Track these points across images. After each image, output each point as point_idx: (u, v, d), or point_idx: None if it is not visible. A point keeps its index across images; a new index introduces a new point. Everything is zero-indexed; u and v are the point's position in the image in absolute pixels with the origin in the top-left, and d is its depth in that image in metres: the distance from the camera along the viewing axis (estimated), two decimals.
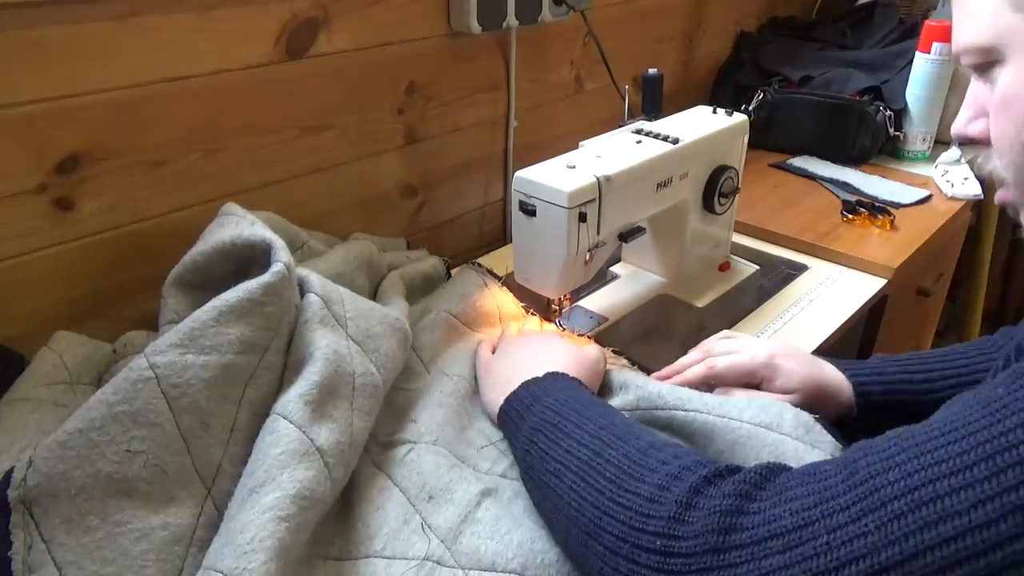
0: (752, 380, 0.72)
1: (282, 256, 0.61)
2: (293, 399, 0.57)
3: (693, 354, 0.77)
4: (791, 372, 0.70)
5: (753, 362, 0.71)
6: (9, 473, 0.51)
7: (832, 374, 0.70)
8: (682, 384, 0.73)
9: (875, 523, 0.39)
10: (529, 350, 0.73)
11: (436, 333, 0.78)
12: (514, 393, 0.66)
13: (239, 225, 0.65)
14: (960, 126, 0.55)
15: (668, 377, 0.76)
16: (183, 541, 0.53)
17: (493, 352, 0.76)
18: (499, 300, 0.85)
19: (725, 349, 0.74)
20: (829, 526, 0.41)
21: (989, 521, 0.36)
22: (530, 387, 0.65)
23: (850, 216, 1.12)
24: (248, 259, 0.64)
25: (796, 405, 0.66)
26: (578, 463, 0.55)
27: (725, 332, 0.81)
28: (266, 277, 0.59)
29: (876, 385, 0.70)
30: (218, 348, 0.56)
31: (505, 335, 0.79)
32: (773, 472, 0.47)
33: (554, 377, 0.66)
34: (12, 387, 0.63)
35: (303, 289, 0.65)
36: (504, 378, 0.68)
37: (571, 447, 0.56)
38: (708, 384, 0.73)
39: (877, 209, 1.12)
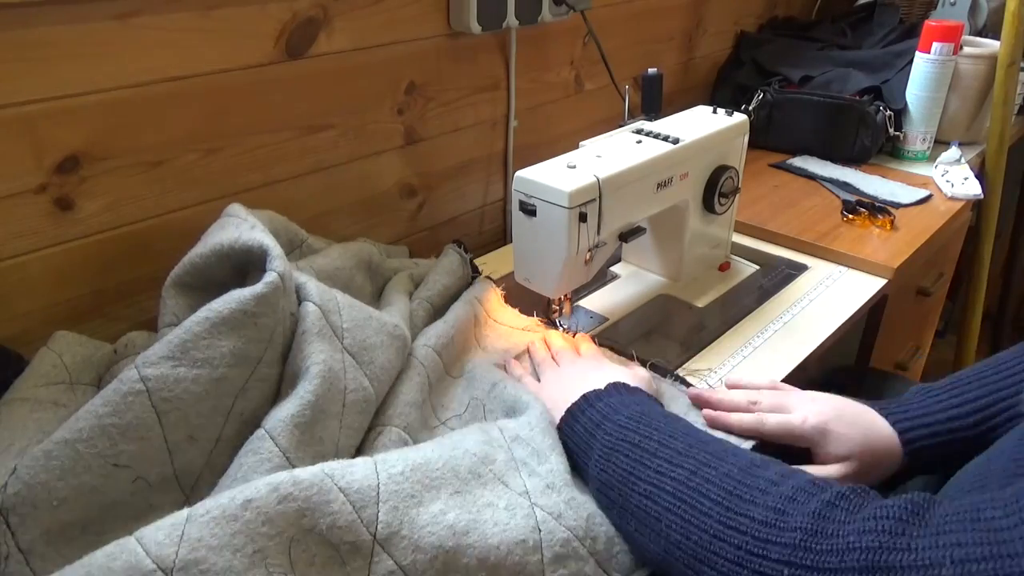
0: (801, 444, 0.68)
1: (277, 265, 0.60)
2: (285, 419, 0.56)
3: (738, 397, 0.72)
4: (842, 438, 0.66)
5: (804, 427, 0.67)
6: None
7: (882, 432, 0.66)
8: (725, 429, 0.70)
9: None
10: (580, 368, 0.71)
11: (418, 325, 0.79)
12: (575, 405, 0.63)
13: (238, 228, 0.64)
14: None
15: (711, 407, 0.72)
16: None
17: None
18: (479, 295, 0.86)
19: (775, 405, 0.70)
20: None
21: None
22: (592, 400, 0.63)
23: (850, 216, 1.12)
24: (246, 262, 0.64)
25: (848, 472, 0.64)
26: (674, 484, 0.52)
27: (772, 382, 0.76)
28: (259, 288, 0.58)
29: (927, 438, 0.65)
30: (210, 361, 0.56)
31: (543, 358, 0.76)
32: (923, 506, 0.43)
33: (616, 389, 0.64)
34: (12, 387, 0.63)
35: (300, 296, 0.64)
36: (562, 398, 0.66)
37: (661, 467, 0.53)
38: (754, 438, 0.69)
39: (877, 209, 1.12)
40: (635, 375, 0.70)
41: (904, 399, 0.69)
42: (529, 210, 0.76)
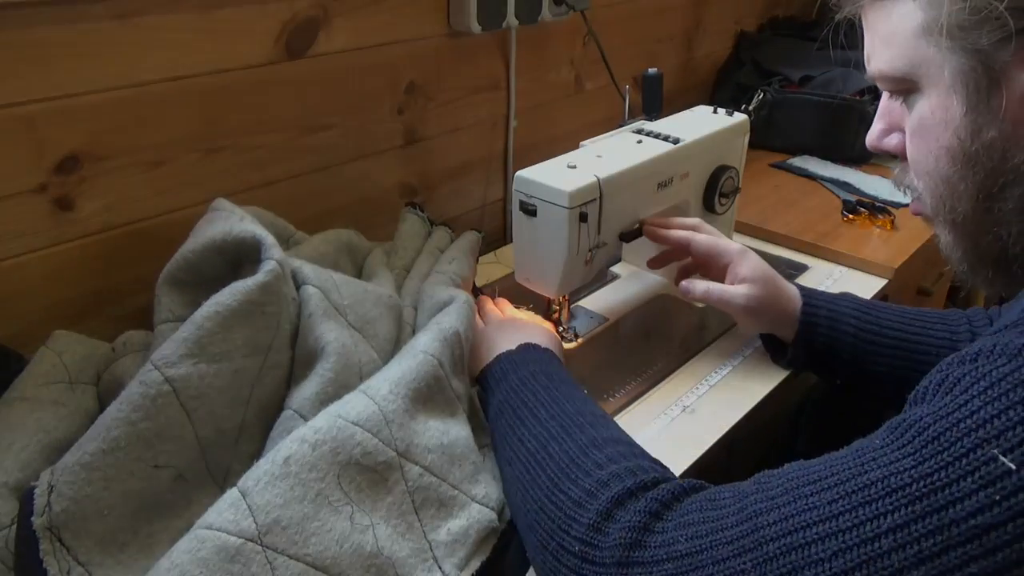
0: (718, 261, 0.77)
1: (274, 253, 0.61)
2: (310, 397, 0.59)
3: (685, 221, 0.82)
4: (755, 264, 0.76)
5: (729, 247, 0.77)
6: (30, 501, 0.51)
7: (787, 287, 0.76)
8: (661, 240, 0.81)
9: (752, 561, 0.40)
10: (505, 327, 0.75)
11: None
12: (488, 365, 0.68)
13: (229, 221, 0.65)
14: (874, 139, 0.56)
15: (657, 227, 0.82)
16: None
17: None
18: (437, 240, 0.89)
19: (711, 231, 0.81)
20: (715, 557, 0.42)
21: (847, 571, 0.37)
22: (502, 360, 0.67)
23: (850, 216, 1.12)
24: (239, 255, 0.64)
25: (748, 295, 0.74)
26: (526, 454, 0.57)
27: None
28: (261, 277, 0.59)
29: (824, 311, 0.73)
30: (228, 355, 0.57)
31: (490, 313, 0.80)
32: (685, 492, 0.48)
33: (526, 349, 0.68)
34: (11, 387, 0.63)
35: (297, 280, 0.65)
36: (486, 349, 0.71)
37: (523, 435, 0.58)
38: (681, 254, 0.82)
39: (877, 209, 1.12)
40: (553, 336, 0.74)
41: (828, 292, 0.77)
42: (529, 210, 0.76)
